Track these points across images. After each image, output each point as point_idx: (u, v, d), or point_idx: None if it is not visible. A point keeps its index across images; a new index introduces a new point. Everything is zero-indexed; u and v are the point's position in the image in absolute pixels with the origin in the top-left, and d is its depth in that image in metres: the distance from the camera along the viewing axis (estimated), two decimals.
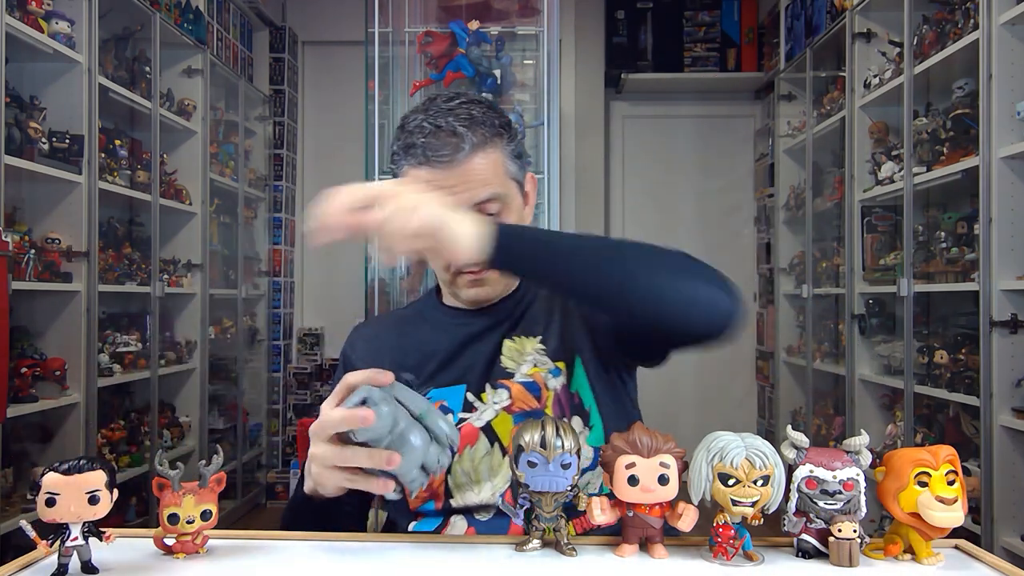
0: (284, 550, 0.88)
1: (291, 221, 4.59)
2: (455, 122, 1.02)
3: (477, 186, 1.02)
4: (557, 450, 0.82)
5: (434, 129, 1.02)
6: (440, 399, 1.07)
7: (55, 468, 0.76)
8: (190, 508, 0.82)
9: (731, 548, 0.82)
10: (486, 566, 0.82)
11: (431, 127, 1.02)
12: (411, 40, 2.77)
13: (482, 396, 1.09)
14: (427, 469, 0.86)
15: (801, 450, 0.84)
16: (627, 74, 4.54)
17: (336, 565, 0.84)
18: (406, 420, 0.84)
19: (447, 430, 0.87)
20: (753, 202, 4.70)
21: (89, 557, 0.78)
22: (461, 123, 1.02)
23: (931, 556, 0.83)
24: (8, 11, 2.22)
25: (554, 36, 2.65)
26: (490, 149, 1.04)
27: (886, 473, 0.84)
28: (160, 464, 0.82)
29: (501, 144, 1.06)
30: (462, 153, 1.01)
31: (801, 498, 0.83)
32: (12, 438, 2.39)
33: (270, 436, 4.46)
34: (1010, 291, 2.15)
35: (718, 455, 0.81)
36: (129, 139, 3.07)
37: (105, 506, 0.76)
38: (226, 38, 4.08)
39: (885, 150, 2.91)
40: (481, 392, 1.09)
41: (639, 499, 0.82)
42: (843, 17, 3.15)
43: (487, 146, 1.04)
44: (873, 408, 3.04)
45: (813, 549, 0.84)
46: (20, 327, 2.49)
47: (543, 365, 1.09)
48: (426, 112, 1.05)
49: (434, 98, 1.08)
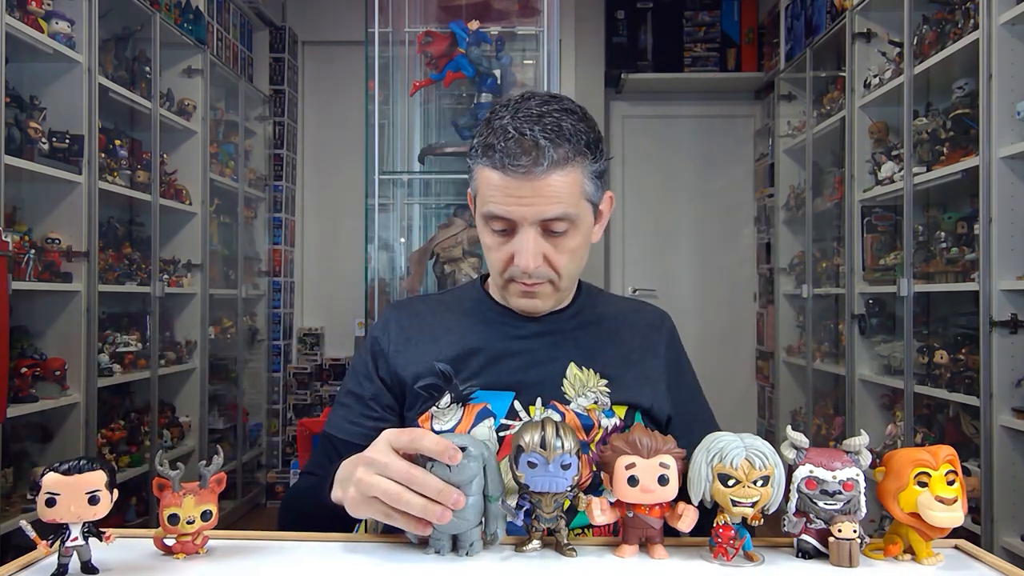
0: (284, 551, 0.88)
1: (291, 221, 4.59)
2: (540, 133, 0.97)
3: (548, 203, 0.99)
4: (557, 451, 0.82)
5: (517, 136, 0.97)
6: (485, 400, 1.05)
7: (55, 468, 0.75)
8: (190, 508, 0.81)
9: (731, 548, 0.82)
10: (486, 566, 0.82)
11: (515, 133, 0.98)
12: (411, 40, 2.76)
13: (530, 409, 1.06)
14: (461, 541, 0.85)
15: (801, 450, 0.84)
16: (627, 74, 4.54)
17: (336, 565, 0.84)
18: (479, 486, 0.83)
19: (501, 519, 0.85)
20: (753, 202, 4.71)
21: (89, 557, 0.78)
22: (546, 135, 0.97)
23: (931, 556, 0.83)
24: (8, 11, 2.22)
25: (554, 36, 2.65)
26: (570, 168, 0.99)
27: (886, 473, 0.84)
28: (160, 464, 0.82)
29: (583, 164, 1.01)
30: (540, 168, 0.97)
31: (801, 498, 0.83)
32: (12, 438, 2.39)
33: (270, 436, 4.46)
34: (1010, 291, 2.15)
35: (718, 455, 0.81)
36: (129, 139, 3.07)
37: (105, 506, 0.76)
38: (226, 38, 4.08)
39: (885, 150, 2.91)
40: (530, 405, 1.06)
41: (639, 500, 0.82)
42: (843, 17, 3.15)
43: (568, 165, 0.99)
44: (873, 408, 3.04)
45: (813, 549, 0.84)
46: (20, 327, 2.49)
47: (602, 404, 1.07)
48: (514, 114, 1.00)
49: (529, 97, 1.03)
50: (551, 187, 0.98)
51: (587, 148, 1.01)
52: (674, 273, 4.76)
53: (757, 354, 4.64)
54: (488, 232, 1.05)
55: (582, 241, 1.06)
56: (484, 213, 1.03)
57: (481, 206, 1.04)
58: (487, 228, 1.05)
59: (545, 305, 1.09)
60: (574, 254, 1.05)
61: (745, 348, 4.70)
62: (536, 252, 1.01)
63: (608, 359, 1.11)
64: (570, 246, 1.04)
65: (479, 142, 1.02)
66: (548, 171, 0.97)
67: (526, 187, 0.98)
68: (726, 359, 4.61)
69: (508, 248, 1.03)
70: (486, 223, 1.04)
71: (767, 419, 4.41)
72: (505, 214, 1.00)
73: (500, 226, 1.03)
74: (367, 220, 2.72)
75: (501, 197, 1.00)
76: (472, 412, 1.05)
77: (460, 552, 0.84)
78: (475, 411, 1.05)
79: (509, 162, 0.97)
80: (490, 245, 1.06)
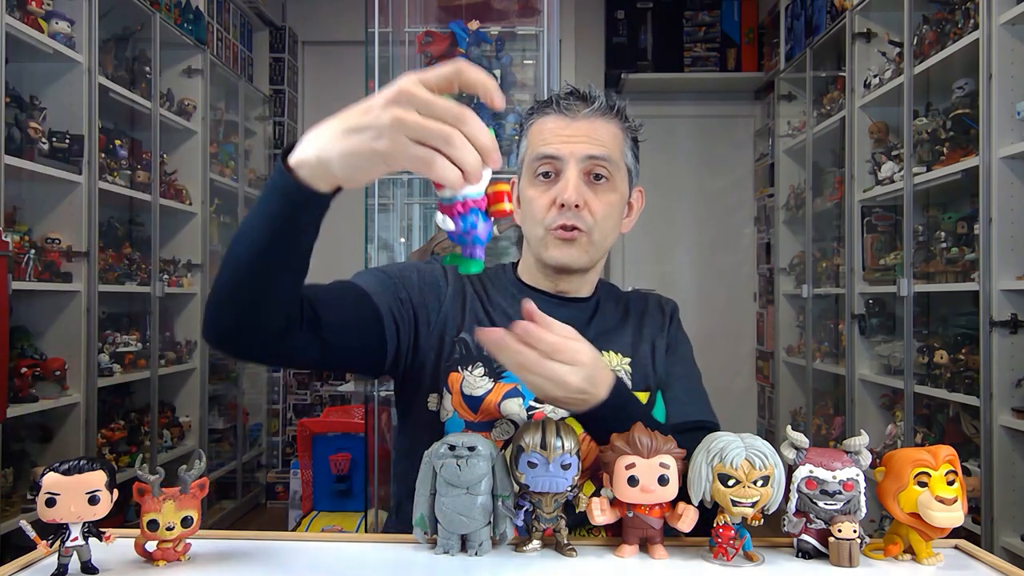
0: (275, 557, 0.87)
1: None
2: (594, 88, 1.11)
3: (593, 143, 1.07)
4: (557, 451, 0.82)
5: (572, 88, 1.12)
6: (514, 381, 1.05)
7: (55, 468, 0.75)
8: (170, 514, 0.79)
9: (731, 548, 0.82)
10: (486, 566, 0.82)
11: (569, 87, 1.12)
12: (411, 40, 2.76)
13: None
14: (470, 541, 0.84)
15: (801, 450, 0.84)
16: (627, 74, 4.54)
17: (342, 565, 0.84)
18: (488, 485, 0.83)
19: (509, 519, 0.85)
20: (753, 202, 4.70)
21: (89, 557, 0.78)
22: (598, 92, 1.11)
23: (931, 556, 0.83)
24: (8, 11, 2.22)
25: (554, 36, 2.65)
26: (615, 125, 1.11)
27: (886, 473, 0.84)
28: (140, 469, 0.80)
29: (625, 133, 1.12)
30: (588, 108, 1.08)
31: (801, 498, 0.83)
32: (12, 438, 2.39)
33: (270, 436, 4.46)
34: (1010, 291, 2.15)
35: (718, 456, 0.81)
36: (129, 139, 3.07)
37: (105, 506, 0.76)
38: (226, 38, 4.08)
39: (885, 150, 2.91)
40: None
41: (639, 499, 0.82)
42: (843, 17, 3.15)
43: (613, 119, 1.11)
44: (873, 408, 3.04)
45: (813, 549, 0.84)
46: (20, 327, 2.49)
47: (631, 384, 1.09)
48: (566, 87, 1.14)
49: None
50: (597, 131, 1.08)
51: (629, 128, 1.14)
52: (674, 273, 4.76)
53: (757, 354, 4.64)
54: (533, 183, 1.10)
55: (617, 201, 1.11)
56: (533, 157, 1.10)
57: (531, 155, 1.11)
58: (533, 179, 1.10)
59: (580, 258, 1.10)
60: (610, 209, 1.10)
61: (745, 348, 4.70)
62: (577, 189, 1.06)
63: (627, 339, 1.16)
64: (607, 199, 1.09)
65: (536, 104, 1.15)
66: (597, 114, 1.09)
67: (574, 127, 1.08)
68: (726, 359, 4.61)
69: (552, 192, 1.08)
70: (533, 174, 1.10)
71: (767, 419, 4.41)
72: (554, 151, 1.08)
73: (547, 168, 1.09)
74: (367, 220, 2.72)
75: (551, 138, 1.08)
76: (502, 389, 1.06)
77: (469, 552, 0.84)
78: (505, 388, 1.06)
79: (564, 102, 1.09)
80: (533, 196, 1.10)
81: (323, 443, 2.96)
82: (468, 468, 0.81)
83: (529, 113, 1.16)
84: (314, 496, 2.98)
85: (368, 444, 2.31)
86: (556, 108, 1.10)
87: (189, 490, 0.80)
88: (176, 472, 0.83)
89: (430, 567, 0.82)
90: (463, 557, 0.84)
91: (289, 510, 3.36)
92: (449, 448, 0.82)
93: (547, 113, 1.11)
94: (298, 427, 3.08)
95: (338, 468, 2.94)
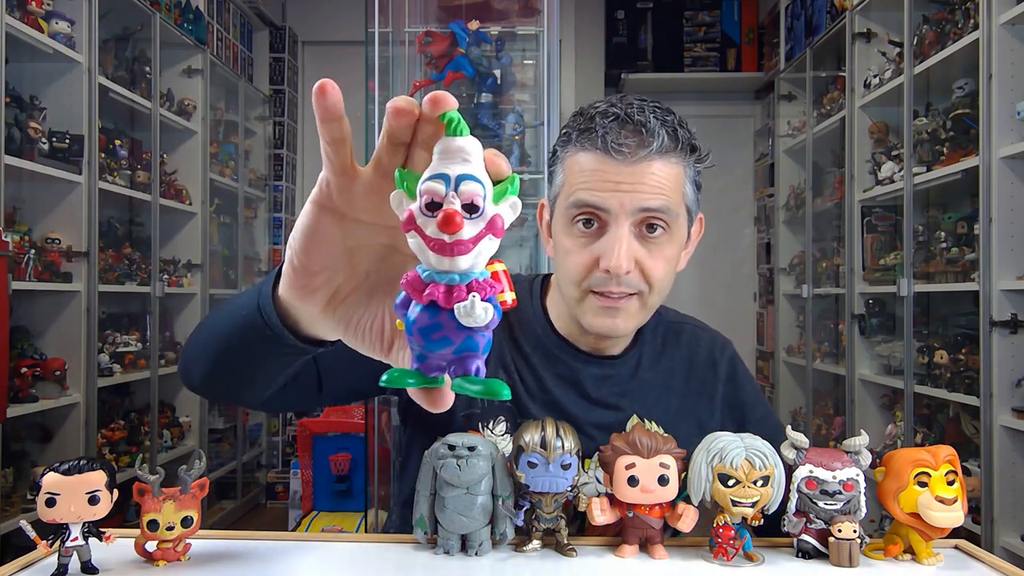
0: (275, 557, 0.87)
1: (291, 221, 4.59)
2: (650, 115, 0.88)
3: (650, 193, 0.87)
4: (557, 451, 0.82)
5: (623, 116, 0.88)
6: None
7: (55, 468, 0.75)
8: (170, 515, 0.79)
9: (731, 548, 0.82)
10: (486, 566, 0.82)
11: (620, 113, 0.88)
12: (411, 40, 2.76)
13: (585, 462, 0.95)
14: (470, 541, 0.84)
15: (801, 450, 0.84)
16: (627, 74, 4.54)
17: (343, 565, 0.83)
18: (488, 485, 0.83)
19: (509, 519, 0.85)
20: (753, 202, 4.70)
21: (89, 557, 0.78)
22: (656, 118, 0.88)
23: (931, 556, 0.83)
24: (8, 11, 2.22)
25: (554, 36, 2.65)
26: (676, 161, 0.90)
27: (886, 473, 0.84)
28: (140, 469, 0.80)
29: (687, 163, 0.92)
30: (646, 150, 0.87)
31: (801, 498, 0.83)
32: (12, 438, 2.39)
33: (270, 436, 4.46)
34: (1010, 291, 2.15)
35: (718, 456, 0.81)
36: (129, 139, 3.07)
37: (105, 506, 0.76)
38: (226, 38, 4.08)
39: (885, 150, 2.91)
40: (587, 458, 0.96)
41: (639, 500, 0.82)
42: (843, 17, 3.15)
43: (674, 156, 0.90)
44: (873, 408, 3.04)
45: (813, 549, 0.84)
46: (20, 327, 2.49)
47: None
48: (612, 103, 0.90)
49: (626, 96, 0.93)
50: (655, 176, 0.87)
51: (691, 148, 0.92)
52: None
53: (757, 354, 4.64)
54: (570, 232, 0.91)
55: (675, 253, 0.93)
56: (571, 203, 0.90)
57: (566, 197, 0.91)
58: (570, 226, 0.91)
59: (627, 326, 0.94)
60: (668, 266, 0.92)
61: (745, 348, 4.69)
62: (628, 252, 0.88)
63: (664, 410, 1.02)
64: (664, 254, 0.91)
65: (573, 128, 0.91)
66: (654, 157, 0.87)
67: (626, 172, 0.87)
68: None
69: (594, 249, 0.90)
70: (570, 220, 0.91)
71: None
72: (599, 201, 0.88)
73: (588, 218, 0.90)
74: None
75: (595, 183, 0.88)
76: None
77: (469, 552, 0.84)
78: None
79: (613, 140, 0.86)
80: (570, 248, 0.91)
81: (323, 443, 2.97)
82: (468, 468, 0.81)
83: (564, 139, 0.93)
84: (314, 496, 2.99)
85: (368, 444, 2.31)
86: (603, 148, 0.87)
87: (189, 490, 0.80)
88: (176, 472, 0.83)
89: (430, 567, 0.82)
90: (463, 557, 0.84)
91: (289, 510, 3.36)
92: (449, 448, 0.82)
93: (591, 148, 0.89)
94: (298, 427, 3.08)
95: (338, 468, 2.94)
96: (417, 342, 0.39)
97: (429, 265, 0.38)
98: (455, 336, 0.38)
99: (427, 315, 0.38)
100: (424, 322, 0.38)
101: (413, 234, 0.38)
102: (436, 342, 0.38)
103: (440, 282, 0.37)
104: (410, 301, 0.39)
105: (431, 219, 0.37)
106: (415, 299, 0.38)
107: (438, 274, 0.38)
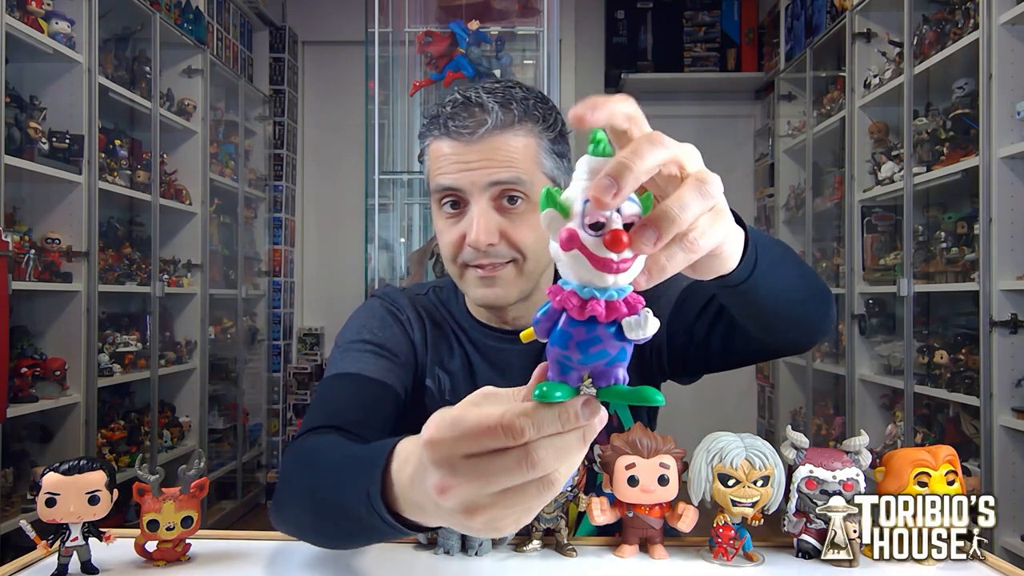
0: (275, 557, 0.87)
1: (291, 221, 4.59)
2: (488, 97, 0.93)
3: (498, 167, 0.91)
4: None
5: (464, 101, 0.94)
6: None
7: (55, 468, 0.75)
8: (170, 515, 0.79)
9: (731, 548, 0.82)
10: (486, 566, 0.82)
11: (461, 99, 0.94)
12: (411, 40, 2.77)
13: None
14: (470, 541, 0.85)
15: (801, 450, 0.84)
16: (627, 74, 4.54)
17: (332, 568, 0.83)
18: None
19: None
20: (753, 202, 4.70)
21: (89, 557, 0.78)
22: (494, 99, 0.93)
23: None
24: (8, 11, 2.22)
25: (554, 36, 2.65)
26: (523, 133, 0.93)
27: (886, 473, 0.84)
28: (140, 469, 0.80)
29: (536, 131, 0.95)
30: (484, 128, 0.91)
31: (801, 498, 0.83)
32: (12, 438, 2.39)
33: (270, 436, 4.46)
34: (1010, 291, 2.15)
35: (718, 456, 0.81)
36: (129, 139, 3.07)
37: (105, 506, 0.76)
38: (226, 38, 4.08)
39: (885, 150, 2.91)
40: None
41: (639, 500, 0.82)
42: (843, 17, 3.15)
43: (518, 128, 0.93)
44: (873, 408, 3.04)
45: (813, 549, 0.84)
46: (20, 327, 2.49)
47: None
48: (466, 88, 0.96)
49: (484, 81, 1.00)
50: (500, 150, 0.92)
51: (543, 117, 0.95)
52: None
53: None
54: (440, 215, 0.97)
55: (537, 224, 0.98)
56: (435, 188, 0.96)
57: (431, 180, 0.97)
58: (439, 210, 0.97)
59: (508, 293, 0.97)
60: (536, 232, 0.94)
61: None
62: (488, 226, 0.92)
63: None
64: (530, 222, 0.94)
65: (426, 120, 0.97)
66: (496, 132, 0.92)
67: (473, 151, 0.92)
68: None
69: (460, 227, 0.95)
70: (439, 204, 0.97)
71: (767, 419, 4.41)
72: (453, 183, 0.93)
73: (453, 200, 0.95)
74: (367, 220, 2.72)
75: (448, 166, 0.93)
76: None
77: (469, 552, 0.84)
78: None
79: (454, 124, 0.92)
80: (441, 229, 0.97)
81: None
82: None
83: (422, 132, 0.99)
84: None
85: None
86: (448, 132, 0.93)
87: (189, 490, 0.80)
88: (176, 472, 0.83)
89: (430, 567, 0.82)
90: (463, 557, 0.84)
91: None
92: None
93: (440, 135, 0.94)
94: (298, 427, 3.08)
95: None
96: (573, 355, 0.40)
97: (586, 282, 0.39)
98: (612, 348, 0.40)
99: (585, 330, 0.40)
100: (583, 336, 0.40)
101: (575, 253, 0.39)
102: (594, 355, 0.40)
103: (600, 298, 0.39)
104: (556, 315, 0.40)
105: (596, 238, 0.38)
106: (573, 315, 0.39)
107: (599, 290, 0.39)
